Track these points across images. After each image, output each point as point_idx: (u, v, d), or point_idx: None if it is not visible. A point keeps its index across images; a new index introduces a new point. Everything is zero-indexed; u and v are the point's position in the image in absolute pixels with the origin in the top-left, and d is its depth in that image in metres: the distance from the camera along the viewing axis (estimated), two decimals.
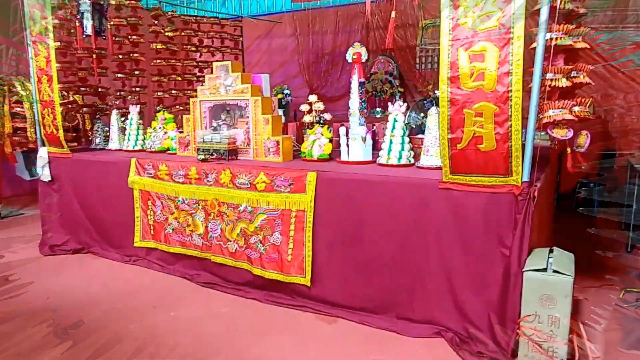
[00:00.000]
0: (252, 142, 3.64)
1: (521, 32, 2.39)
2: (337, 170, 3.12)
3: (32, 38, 4.22)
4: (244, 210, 3.28)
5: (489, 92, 2.49)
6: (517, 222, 2.51)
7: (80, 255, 4.26)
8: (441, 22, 2.58)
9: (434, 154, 3.13)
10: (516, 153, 2.49)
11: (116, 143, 4.47)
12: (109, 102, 4.85)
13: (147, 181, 3.76)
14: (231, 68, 3.68)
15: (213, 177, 3.42)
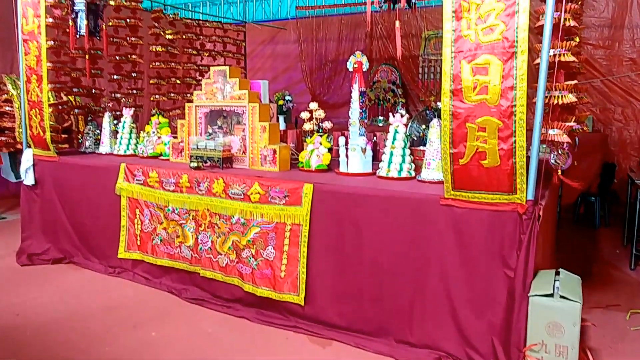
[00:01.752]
0: (248, 150, 3.52)
1: (525, 46, 2.32)
2: (335, 182, 3.00)
3: (24, 36, 4.12)
4: (237, 222, 3.16)
5: (492, 106, 2.40)
6: (522, 243, 2.40)
7: (60, 266, 4.07)
8: (444, 33, 2.49)
9: (435, 167, 3.03)
10: (520, 170, 2.40)
11: (107, 147, 4.35)
12: (103, 104, 4.73)
13: (136, 188, 3.63)
14: (229, 73, 3.58)
15: (205, 186, 3.30)
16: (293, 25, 7.37)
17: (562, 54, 2.58)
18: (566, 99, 2.60)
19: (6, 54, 6.41)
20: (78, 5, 4.14)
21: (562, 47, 2.58)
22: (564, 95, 2.62)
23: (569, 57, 2.58)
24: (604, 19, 6.25)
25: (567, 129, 2.60)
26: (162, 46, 5.35)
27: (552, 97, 2.60)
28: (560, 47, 2.57)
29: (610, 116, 6.16)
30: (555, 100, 2.59)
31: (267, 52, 7.78)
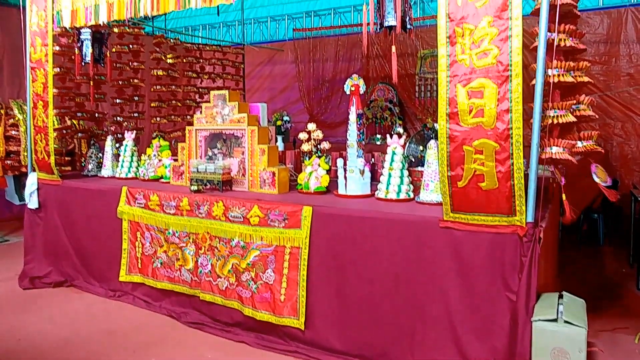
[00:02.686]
0: (248, 173, 3.55)
1: (519, 70, 2.36)
2: (334, 205, 3.01)
3: (31, 64, 4.21)
4: (236, 245, 3.16)
5: (488, 129, 2.43)
6: (523, 265, 2.39)
7: (61, 289, 4.07)
8: (439, 58, 2.54)
9: (434, 189, 3.04)
10: (519, 192, 2.41)
11: (109, 170, 4.38)
12: (105, 127, 4.80)
13: (137, 211, 3.65)
14: (228, 97, 3.63)
15: (205, 209, 3.32)
16: (290, 47, 7.49)
17: (561, 74, 2.61)
18: (566, 118, 2.62)
19: (14, 79, 6.55)
20: (84, 35, 4.25)
21: (561, 67, 2.61)
22: (563, 115, 2.64)
23: (567, 77, 2.61)
24: (599, 35, 6.33)
25: (569, 146, 2.60)
26: (163, 70, 5.45)
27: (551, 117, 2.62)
28: (559, 67, 2.60)
29: (610, 131, 6.17)
30: (554, 120, 2.61)
31: (265, 72, 7.89)
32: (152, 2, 3.45)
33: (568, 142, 2.59)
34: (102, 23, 3.81)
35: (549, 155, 2.57)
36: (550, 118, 2.62)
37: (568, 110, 2.67)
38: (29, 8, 4.21)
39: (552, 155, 2.57)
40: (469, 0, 2.44)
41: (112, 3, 3.70)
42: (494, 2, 2.39)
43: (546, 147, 2.59)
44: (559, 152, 2.57)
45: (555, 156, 2.58)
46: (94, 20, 3.83)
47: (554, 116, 2.63)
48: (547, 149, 2.58)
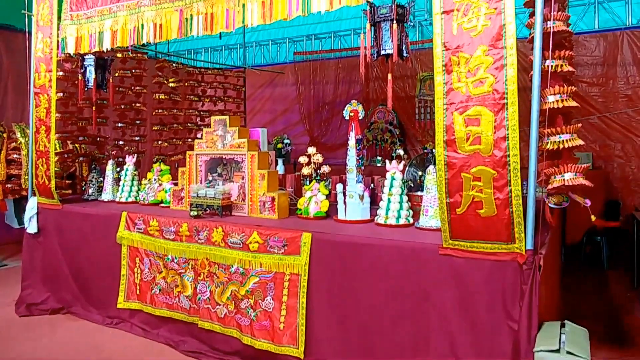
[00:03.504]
0: (247, 198, 3.56)
1: (515, 98, 2.38)
2: (333, 231, 3.00)
3: (35, 90, 4.28)
4: (235, 272, 3.15)
5: (486, 156, 2.44)
6: (524, 294, 2.37)
7: (58, 317, 4.03)
8: (435, 86, 2.56)
9: (433, 214, 3.03)
10: (518, 219, 2.41)
11: (109, 194, 4.40)
12: (107, 151, 4.83)
13: (136, 237, 3.65)
14: (229, 122, 3.67)
15: (205, 234, 3.31)
16: (291, 69, 7.60)
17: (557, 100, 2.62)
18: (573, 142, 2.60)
19: (18, 103, 6.65)
20: (87, 61, 4.34)
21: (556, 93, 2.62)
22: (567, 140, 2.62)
23: (570, 102, 2.61)
24: (596, 57, 6.41)
25: (584, 170, 2.57)
26: (165, 94, 5.52)
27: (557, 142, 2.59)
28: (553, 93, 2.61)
29: (611, 152, 6.19)
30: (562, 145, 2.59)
31: (266, 94, 7.99)
32: (155, 30, 3.53)
33: (580, 167, 2.55)
34: (105, 50, 3.89)
35: (561, 183, 2.53)
36: (557, 143, 2.59)
37: (575, 134, 2.66)
38: (34, 35, 4.30)
39: (564, 183, 2.53)
40: (464, 30, 2.48)
41: (115, 31, 3.78)
42: (489, 32, 2.43)
43: (557, 175, 2.56)
44: (572, 177, 2.53)
45: (568, 182, 2.53)
46: (97, 47, 3.91)
47: (561, 141, 2.60)
48: (559, 176, 2.55)
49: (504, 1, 2.39)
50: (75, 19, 4.06)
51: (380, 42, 2.94)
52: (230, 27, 3.14)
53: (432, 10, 2.80)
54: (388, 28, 2.83)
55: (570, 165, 2.57)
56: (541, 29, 2.45)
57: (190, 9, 3.35)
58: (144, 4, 3.59)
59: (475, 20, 2.45)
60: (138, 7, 3.63)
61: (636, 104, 6.14)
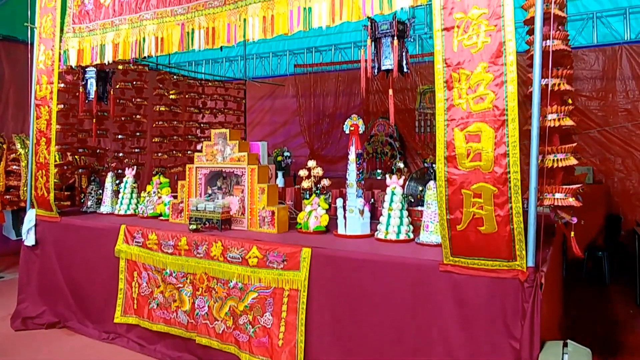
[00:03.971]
0: (247, 212, 3.54)
1: (515, 115, 2.38)
2: (333, 246, 2.98)
3: (36, 101, 4.29)
4: (234, 287, 3.12)
5: (486, 172, 2.43)
6: (525, 312, 2.34)
7: (54, 331, 3.98)
8: (436, 102, 2.57)
9: (434, 230, 3.02)
10: (519, 236, 2.39)
11: (108, 207, 4.38)
12: (106, 163, 4.83)
13: (134, 250, 3.62)
14: (229, 136, 3.67)
15: (204, 249, 3.29)
16: (291, 81, 7.64)
17: (555, 119, 2.63)
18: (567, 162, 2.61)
19: (19, 114, 6.66)
20: (89, 73, 4.35)
21: (554, 112, 2.63)
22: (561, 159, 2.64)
23: (567, 121, 2.63)
24: (595, 71, 6.43)
25: (574, 191, 2.59)
26: (165, 106, 5.53)
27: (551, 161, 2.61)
28: (551, 112, 2.63)
29: (611, 166, 6.18)
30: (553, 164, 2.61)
31: (266, 106, 8.01)
32: (157, 43, 3.55)
33: (570, 188, 2.57)
34: (107, 62, 3.91)
35: (550, 202, 2.55)
36: (553, 162, 2.61)
37: (569, 154, 2.67)
38: (36, 47, 4.32)
39: (554, 202, 2.55)
40: (464, 46, 2.49)
41: (117, 44, 3.80)
42: (489, 49, 2.44)
43: (549, 193, 2.57)
44: (562, 197, 2.56)
45: (557, 202, 2.56)
46: (99, 60, 3.93)
47: (556, 159, 2.62)
48: (549, 195, 2.56)
49: (504, 18, 2.40)
50: (77, 31, 4.09)
51: (381, 57, 2.95)
52: (231, 41, 3.16)
53: (432, 25, 2.82)
54: (389, 44, 2.85)
55: (561, 187, 2.58)
56: (541, 48, 2.46)
57: (191, 23, 3.37)
58: (146, 18, 3.62)
59: (476, 37, 2.46)
60: (140, 21, 3.65)
61: (636, 118, 6.15)
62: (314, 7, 2.82)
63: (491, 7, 2.42)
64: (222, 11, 3.20)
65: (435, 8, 2.54)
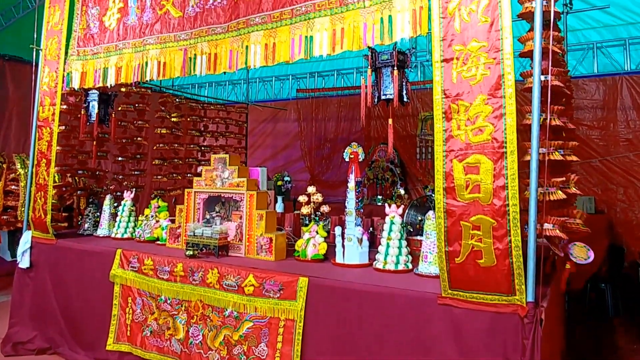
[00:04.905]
0: (245, 238, 3.50)
1: (514, 147, 2.38)
2: (330, 276, 2.94)
3: (39, 122, 4.32)
4: (229, 316, 3.06)
5: (485, 205, 2.41)
6: (525, 348, 2.28)
7: (44, 357, 3.90)
8: (435, 133, 2.57)
9: (433, 260, 2.97)
10: (518, 270, 2.36)
11: (105, 229, 4.34)
12: (105, 185, 4.82)
13: (130, 275, 3.57)
14: (229, 161, 3.66)
15: (200, 275, 3.24)
16: (293, 105, 7.70)
17: (550, 152, 2.63)
18: (555, 195, 2.61)
19: (21, 133, 6.69)
20: (91, 96, 4.38)
21: (551, 146, 2.63)
22: (551, 192, 2.63)
23: (556, 155, 2.63)
24: (596, 100, 6.45)
25: (559, 222, 2.57)
26: (167, 128, 5.55)
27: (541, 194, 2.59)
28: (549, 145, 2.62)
29: (613, 196, 6.13)
30: (547, 197, 2.59)
31: (268, 129, 8.06)
32: (159, 68, 3.59)
33: (557, 219, 2.56)
34: (109, 85, 3.95)
35: (548, 233, 2.54)
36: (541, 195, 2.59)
37: (557, 188, 2.66)
38: (41, 69, 4.37)
39: (545, 232, 2.53)
40: (463, 78, 2.50)
41: (120, 67, 3.85)
42: (488, 81, 2.45)
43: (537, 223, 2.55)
44: (549, 228, 2.53)
45: (546, 232, 2.53)
46: (102, 83, 3.97)
47: (544, 193, 2.60)
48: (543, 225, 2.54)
49: (503, 52, 2.42)
50: (81, 54, 4.15)
51: (381, 86, 2.97)
52: (233, 67, 3.19)
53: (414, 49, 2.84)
54: (389, 73, 2.87)
55: (550, 218, 2.56)
56: (539, 83, 2.47)
57: (194, 49, 3.42)
58: (149, 42, 3.67)
59: (475, 69, 2.48)
60: (143, 45, 3.70)
61: (637, 148, 6.14)
62: (315, 36, 2.85)
63: (490, 41, 2.45)
64: (224, 38, 3.24)
65: (435, 39, 2.56)
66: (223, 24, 3.25)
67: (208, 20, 3.33)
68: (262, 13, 3.07)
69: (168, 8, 3.53)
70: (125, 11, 3.78)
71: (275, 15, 3.03)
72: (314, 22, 2.87)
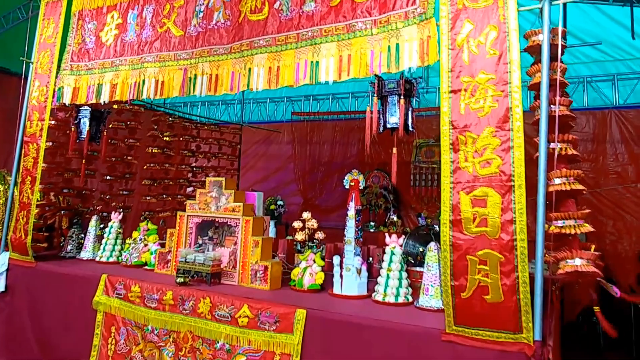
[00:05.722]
0: (239, 265, 3.37)
1: (522, 180, 2.35)
2: (329, 307, 2.82)
3: (26, 138, 4.16)
4: (221, 349, 2.89)
5: (492, 239, 2.36)
6: None
7: None
8: (442, 164, 2.53)
9: (434, 294, 2.89)
10: (525, 308, 2.29)
11: (90, 252, 4.14)
12: (92, 205, 4.62)
13: (114, 302, 3.37)
14: (225, 185, 3.55)
15: (190, 305, 3.08)
16: (287, 128, 7.64)
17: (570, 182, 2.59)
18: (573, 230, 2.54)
19: (4, 148, 6.44)
20: (83, 113, 4.24)
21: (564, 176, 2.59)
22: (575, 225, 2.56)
23: (577, 185, 2.58)
24: (586, 133, 6.54)
25: (594, 257, 2.50)
26: (158, 148, 5.42)
27: (561, 227, 2.53)
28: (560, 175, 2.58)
29: (603, 229, 6.13)
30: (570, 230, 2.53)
31: (260, 151, 7.96)
32: (157, 87, 3.50)
33: (591, 254, 2.48)
34: (103, 102, 3.83)
35: (573, 269, 2.44)
36: (565, 228, 2.53)
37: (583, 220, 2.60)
38: (31, 82, 4.24)
39: (576, 269, 2.44)
40: (471, 109, 2.48)
41: (115, 84, 3.74)
42: (496, 113, 2.43)
43: (568, 259, 2.47)
44: (584, 264, 2.44)
45: (580, 269, 2.44)
46: (95, 99, 3.86)
47: (567, 226, 2.54)
48: (570, 262, 2.45)
49: (511, 85, 2.41)
50: (75, 69, 4.04)
51: (386, 114, 2.93)
52: (234, 89, 3.12)
53: (428, 78, 2.83)
54: (395, 102, 2.83)
55: (581, 252, 2.50)
56: (547, 114, 2.46)
57: (195, 69, 3.35)
58: (147, 60, 3.59)
59: (483, 101, 2.46)
60: (141, 63, 3.62)
61: (626, 180, 6.20)
62: (321, 61, 2.82)
63: (498, 73, 2.44)
64: (227, 59, 3.18)
65: (443, 70, 2.54)
66: (226, 45, 3.20)
67: (210, 40, 3.27)
68: (267, 36, 3.03)
69: (169, 26, 3.47)
70: (124, 27, 3.71)
71: (280, 39, 2.99)
72: (320, 47, 2.84)
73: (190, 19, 3.37)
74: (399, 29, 2.67)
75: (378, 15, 2.74)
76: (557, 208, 2.56)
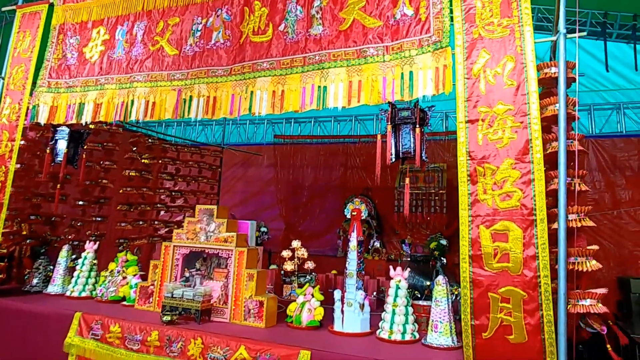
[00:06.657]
0: (230, 301, 3.10)
1: (544, 214, 2.29)
2: (334, 349, 2.61)
3: None
4: None
5: (515, 275, 2.27)
6: None
7: None
8: (459, 196, 2.43)
9: (443, 331, 2.74)
10: (550, 348, 2.20)
11: (59, 286, 3.73)
12: (63, 234, 4.21)
13: (90, 345, 2.99)
14: (216, 213, 3.31)
15: (179, 346, 2.78)
16: (267, 151, 7.45)
17: (581, 218, 2.54)
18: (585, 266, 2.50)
19: None
20: (60, 134, 3.88)
21: (578, 212, 2.55)
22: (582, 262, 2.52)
23: (587, 222, 2.54)
24: None
25: (601, 297, 2.44)
26: (136, 170, 5.08)
27: (573, 264, 2.47)
28: (577, 211, 2.54)
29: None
30: (575, 267, 2.47)
31: (238, 174, 7.70)
32: (147, 108, 3.26)
33: (598, 294, 2.43)
34: (84, 123, 3.54)
35: (584, 310, 2.37)
36: (577, 265, 2.47)
37: (587, 257, 2.56)
38: (1, 99, 3.88)
39: (588, 310, 2.38)
40: (489, 140, 2.41)
41: (99, 104, 3.48)
42: (515, 145, 2.37)
43: (580, 299, 2.40)
44: (593, 304, 2.39)
45: (590, 309, 2.38)
46: (75, 119, 3.57)
47: (578, 262, 2.49)
48: (582, 301, 2.39)
49: (530, 116, 2.36)
50: (53, 86, 3.73)
51: (400, 143, 2.81)
52: (235, 112, 2.94)
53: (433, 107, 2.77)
54: (409, 130, 2.72)
55: (589, 292, 2.44)
56: (565, 148, 2.42)
57: (190, 90, 3.14)
58: (137, 80, 3.35)
59: (501, 132, 2.39)
60: (130, 82, 3.37)
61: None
62: (329, 86, 2.68)
63: (517, 104, 2.38)
64: (226, 81, 3.00)
65: (459, 100, 2.47)
66: (225, 67, 3.02)
67: (208, 61, 3.08)
68: (271, 58, 2.88)
69: (162, 45, 3.26)
70: (112, 44, 3.46)
71: (285, 62, 2.85)
72: (328, 72, 2.71)
73: (186, 37, 3.17)
74: (412, 57, 2.59)
75: (390, 41, 2.66)
76: (570, 244, 2.50)
